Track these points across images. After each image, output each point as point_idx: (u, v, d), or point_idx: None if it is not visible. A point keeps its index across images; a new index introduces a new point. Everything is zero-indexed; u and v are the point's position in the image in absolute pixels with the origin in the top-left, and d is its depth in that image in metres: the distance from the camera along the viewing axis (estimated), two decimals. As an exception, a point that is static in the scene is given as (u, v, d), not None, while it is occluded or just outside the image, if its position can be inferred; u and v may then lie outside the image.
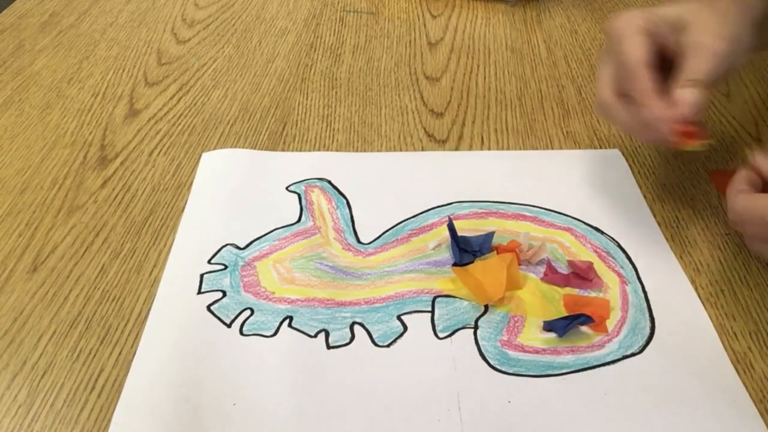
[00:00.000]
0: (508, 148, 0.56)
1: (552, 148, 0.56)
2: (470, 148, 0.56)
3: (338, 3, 0.80)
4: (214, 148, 0.56)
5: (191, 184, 0.52)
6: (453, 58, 0.69)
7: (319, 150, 0.56)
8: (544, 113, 0.61)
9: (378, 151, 0.56)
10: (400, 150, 0.56)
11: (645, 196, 0.51)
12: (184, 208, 0.50)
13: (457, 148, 0.56)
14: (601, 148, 0.56)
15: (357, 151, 0.56)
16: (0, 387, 0.38)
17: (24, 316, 0.42)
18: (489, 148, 0.56)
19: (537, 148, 0.56)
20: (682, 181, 0.52)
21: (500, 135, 0.58)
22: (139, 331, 0.41)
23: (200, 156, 0.55)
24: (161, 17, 0.77)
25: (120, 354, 0.40)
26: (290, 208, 0.49)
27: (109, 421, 0.36)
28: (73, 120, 0.60)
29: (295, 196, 0.50)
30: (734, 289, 0.44)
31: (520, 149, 0.56)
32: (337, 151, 0.56)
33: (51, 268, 0.45)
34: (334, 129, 0.58)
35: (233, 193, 0.51)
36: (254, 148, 0.56)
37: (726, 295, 0.43)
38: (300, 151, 0.56)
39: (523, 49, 0.70)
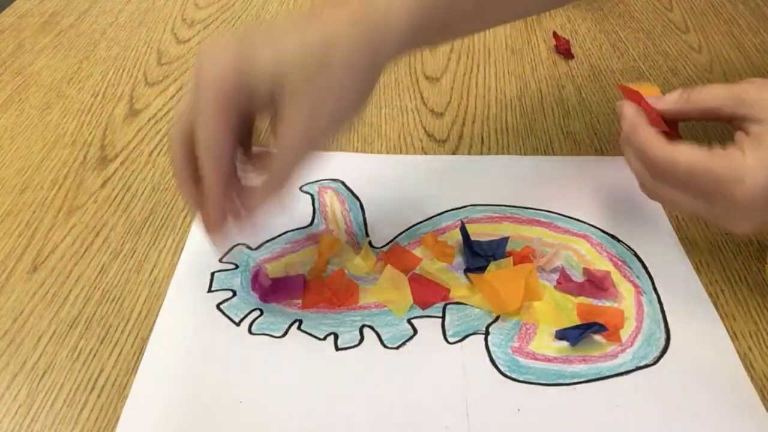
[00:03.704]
0: (508, 148, 0.56)
1: (552, 148, 0.56)
2: (470, 148, 0.56)
3: (338, 3, 0.80)
4: (214, 148, 0.56)
5: (191, 184, 0.52)
6: (453, 58, 0.69)
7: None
8: (544, 113, 0.61)
9: (378, 151, 0.56)
10: (401, 150, 0.56)
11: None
12: (184, 207, 0.50)
13: (457, 148, 0.56)
14: (601, 148, 0.56)
15: (357, 151, 0.56)
16: (0, 387, 0.38)
17: (24, 316, 0.42)
18: (489, 148, 0.56)
19: (537, 148, 0.56)
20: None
21: (500, 135, 0.58)
22: (139, 331, 0.41)
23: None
24: (161, 17, 0.77)
25: (120, 354, 0.40)
26: (303, 209, 0.49)
27: (109, 421, 0.36)
28: (73, 120, 0.60)
29: (308, 197, 0.50)
30: (734, 289, 0.44)
31: (520, 149, 0.56)
32: (336, 150, 0.56)
33: (51, 268, 0.45)
34: (334, 129, 0.58)
35: None
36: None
37: (726, 295, 0.43)
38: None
39: (523, 49, 0.70)
